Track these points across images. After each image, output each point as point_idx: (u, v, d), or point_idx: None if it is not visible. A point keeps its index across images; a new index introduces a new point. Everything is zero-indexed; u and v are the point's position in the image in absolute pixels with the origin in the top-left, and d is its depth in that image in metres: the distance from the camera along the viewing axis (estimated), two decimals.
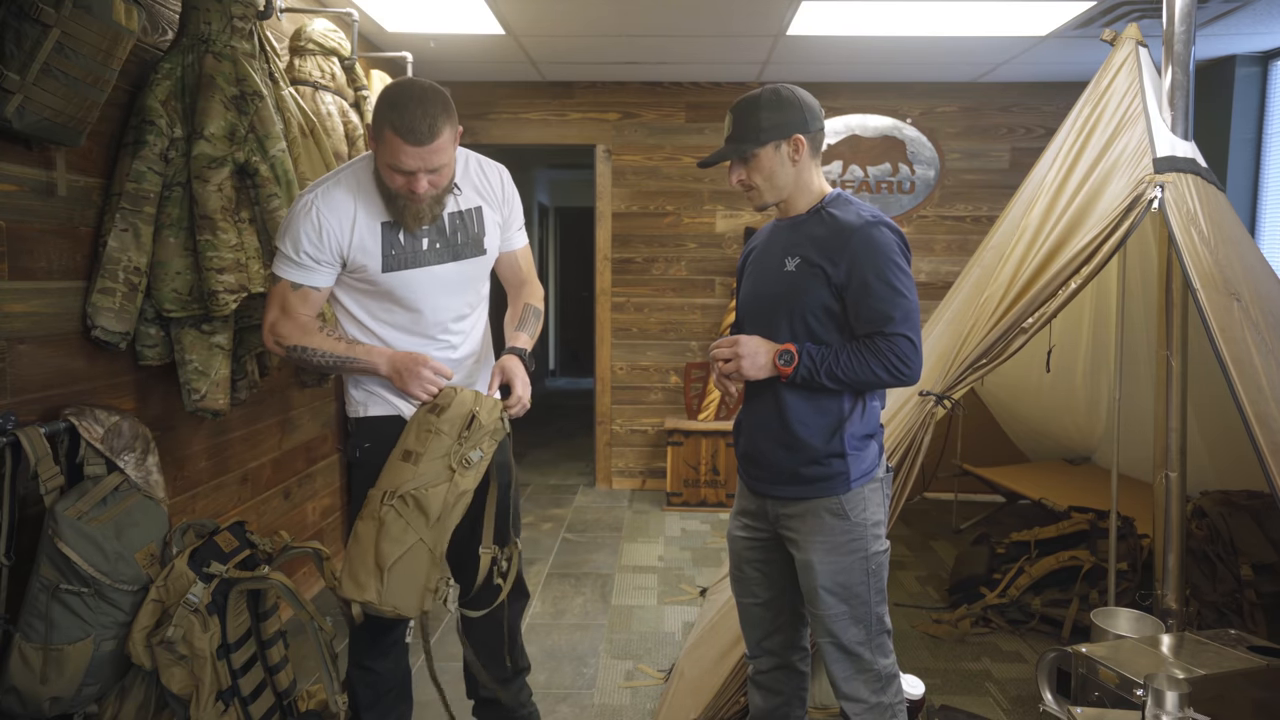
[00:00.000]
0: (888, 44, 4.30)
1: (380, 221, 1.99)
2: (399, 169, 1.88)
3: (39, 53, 1.80)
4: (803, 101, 1.88)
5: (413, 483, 1.90)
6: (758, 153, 1.87)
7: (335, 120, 3.19)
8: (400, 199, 1.94)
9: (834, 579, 1.87)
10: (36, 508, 1.92)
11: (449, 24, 4.00)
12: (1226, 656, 2.18)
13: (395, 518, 1.88)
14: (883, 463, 1.96)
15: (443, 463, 1.92)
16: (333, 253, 1.97)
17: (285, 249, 1.98)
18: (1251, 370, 2.25)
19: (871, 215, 1.85)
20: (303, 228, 1.96)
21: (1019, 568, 3.38)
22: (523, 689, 2.36)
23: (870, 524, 1.89)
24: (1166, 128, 2.54)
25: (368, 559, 1.87)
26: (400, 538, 1.87)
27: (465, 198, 2.09)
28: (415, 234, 2.02)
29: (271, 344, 2.03)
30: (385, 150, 1.88)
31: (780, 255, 1.92)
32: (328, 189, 2.00)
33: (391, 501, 1.89)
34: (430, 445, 1.93)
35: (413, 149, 1.85)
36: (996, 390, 4.41)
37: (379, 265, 1.99)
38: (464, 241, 2.09)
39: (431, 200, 1.96)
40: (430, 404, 1.97)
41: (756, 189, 1.91)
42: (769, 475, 1.93)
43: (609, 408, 5.46)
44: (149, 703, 2.00)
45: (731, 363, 1.88)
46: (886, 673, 1.92)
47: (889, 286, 1.79)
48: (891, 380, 1.81)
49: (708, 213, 5.30)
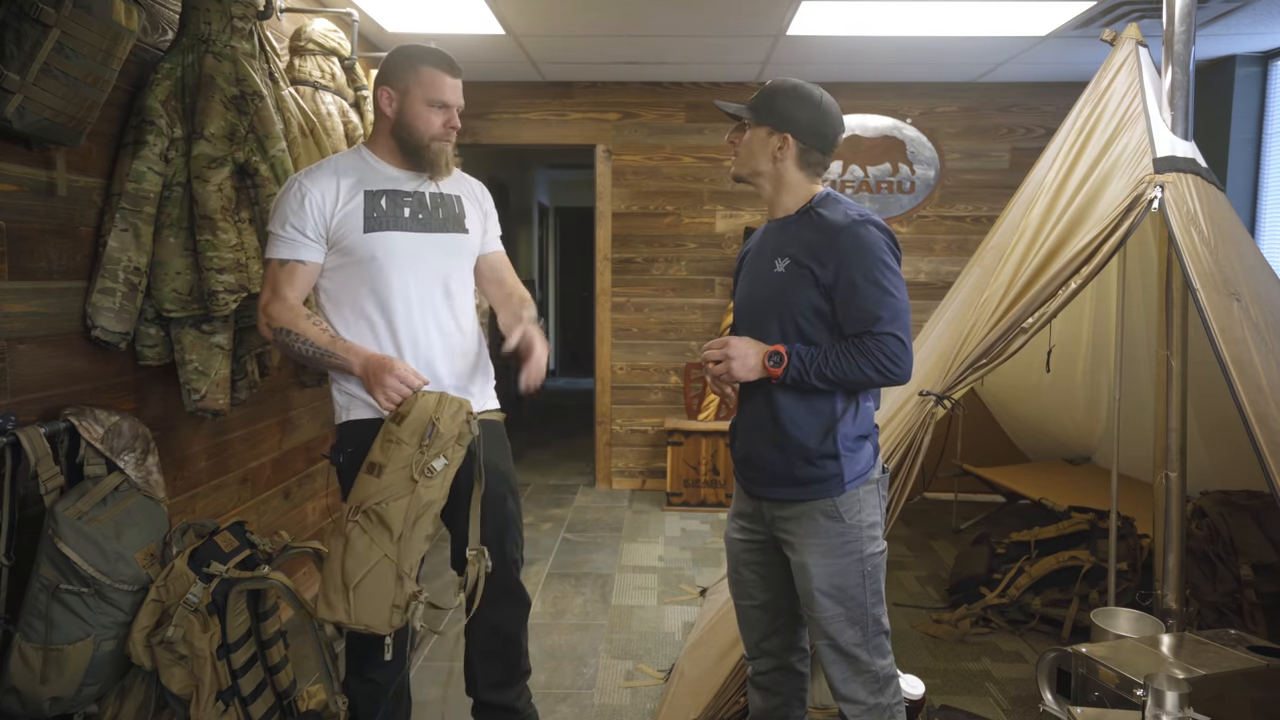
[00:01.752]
0: (888, 44, 4.30)
1: (364, 190, 2.06)
2: (438, 101, 2.02)
3: (39, 53, 1.80)
4: (820, 111, 1.88)
5: (376, 497, 1.87)
6: (752, 127, 1.91)
7: (335, 120, 3.19)
8: (433, 144, 2.05)
9: (829, 581, 1.87)
10: (36, 508, 1.92)
11: (449, 24, 4.00)
12: (1226, 656, 2.18)
13: (360, 534, 1.85)
14: (878, 464, 1.95)
15: (404, 474, 1.89)
16: (316, 223, 2.02)
17: (272, 228, 2.05)
18: (1251, 370, 2.25)
19: (859, 214, 1.84)
20: (287, 203, 2.03)
21: (1019, 568, 3.37)
22: (523, 693, 2.35)
23: (865, 526, 1.88)
24: (1166, 128, 2.54)
25: (336, 578, 1.85)
26: (364, 555, 1.84)
27: (446, 185, 2.18)
28: (398, 202, 2.07)
29: (263, 326, 2.05)
30: (424, 89, 2.01)
31: (770, 257, 1.92)
32: (312, 169, 2.11)
33: (355, 517, 1.86)
34: (392, 456, 1.89)
35: (453, 80, 2.03)
36: (996, 390, 4.41)
37: (360, 227, 2.02)
38: (445, 217, 2.14)
39: (451, 154, 2.10)
40: (394, 412, 1.94)
41: (738, 156, 1.95)
42: (763, 477, 1.93)
43: (609, 408, 5.46)
44: (149, 703, 2.00)
45: (722, 364, 1.89)
46: (884, 674, 1.92)
47: (876, 286, 1.78)
48: (881, 380, 1.80)
49: (708, 213, 5.30)
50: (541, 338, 2.11)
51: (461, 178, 2.25)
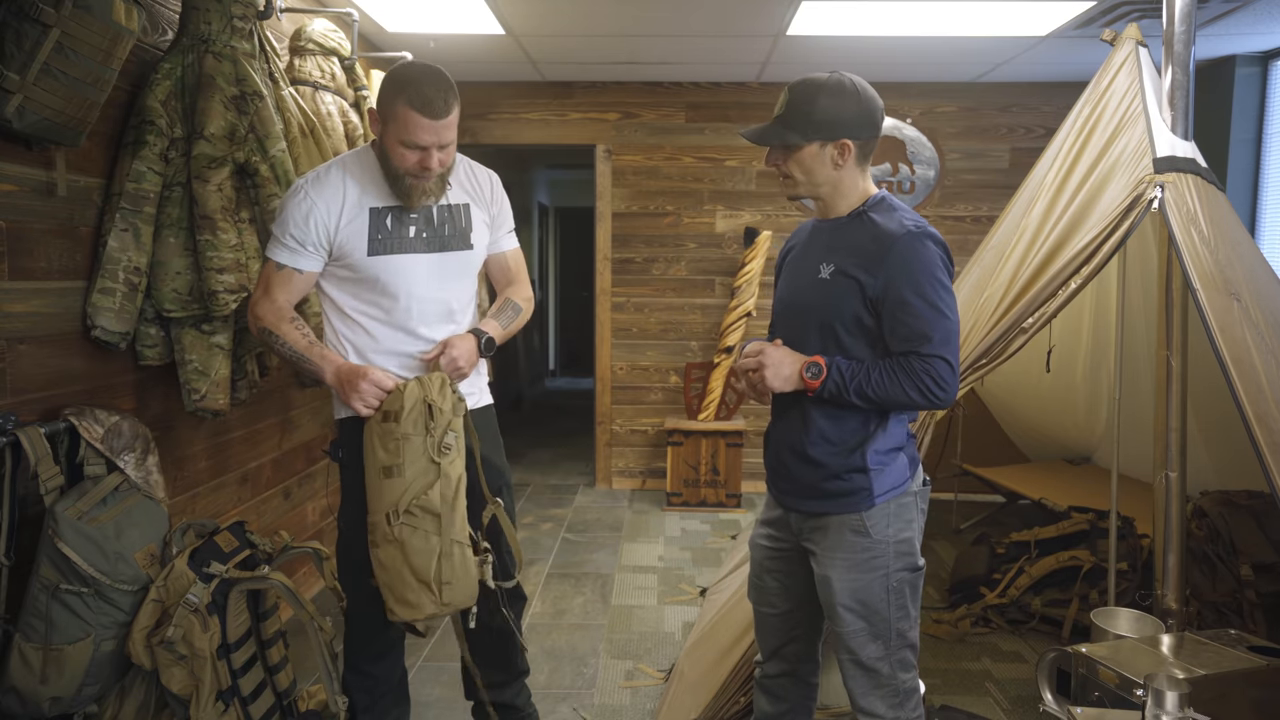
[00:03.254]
0: (888, 44, 4.30)
1: (369, 207, 2.03)
2: (414, 144, 1.93)
3: (39, 53, 1.80)
4: (864, 102, 1.77)
5: (409, 494, 1.92)
6: (801, 146, 1.78)
7: (335, 120, 3.19)
8: (407, 178, 1.98)
9: (853, 596, 1.81)
10: (36, 508, 1.92)
11: (449, 24, 4.00)
12: (1226, 656, 2.18)
13: (411, 533, 1.91)
14: (917, 476, 1.87)
15: (424, 461, 1.93)
16: (318, 236, 2.01)
17: (275, 231, 2.05)
18: (1251, 370, 2.25)
19: (915, 225, 1.74)
20: (291, 211, 2.01)
21: (1019, 568, 3.37)
22: (521, 691, 2.36)
23: (894, 540, 1.81)
24: (1166, 128, 2.53)
25: (408, 579, 1.92)
26: (426, 548, 1.91)
27: (454, 194, 2.13)
28: (403, 221, 2.05)
29: (250, 321, 2.08)
30: (398, 128, 1.92)
31: (816, 261, 1.84)
32: (319, 174, 2.06)
33: (399, 520, 1.91)
34: (405, 452, 1.93)
35: (429, 123, 1.91)
36: (996, 390, 4.40)
37: (365, 249, 2.02)
38: (451, 234, 2.11)
39: (439, 180, 2.02)
40: (381, 413, 1.95)
41: (792, 179, 1.82)
42: (792, 489, 1.88)
43: (609, 408, 5.46)
44: (149, 703, 2.00)
45: (756, 373, 1.81)
46: (906, 688, 1.86)
47: (929, 305, 1.69)
48: (924, 403, 1.72)
49: (708, 213, 5.30)
50: (460, 346, 2.05)
51: (469, 174, 2.19)
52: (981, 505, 4.67)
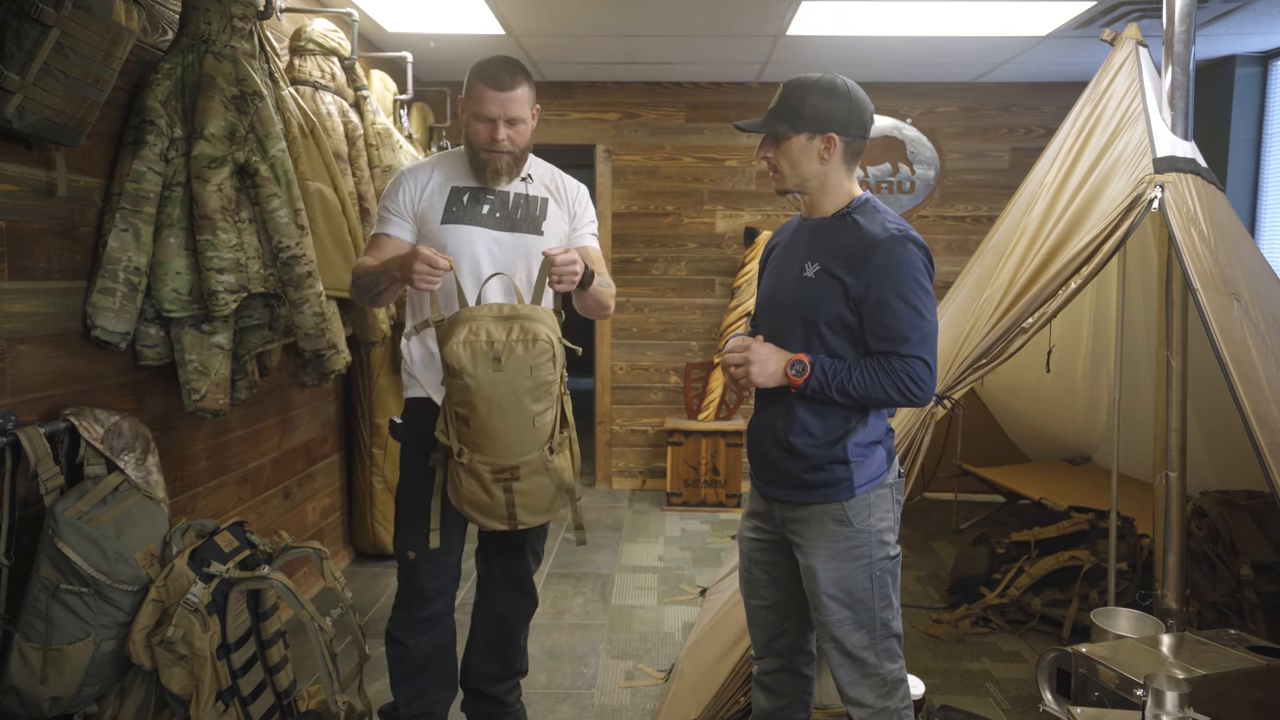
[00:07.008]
0: (887, 44, 4.30)
1: (452, 186, 2.21)
2: (484, 116, 2.09)
3: (39, 53, 1.80)
4: (853, 102, 1.84)
5: None
6: (790, 137, 1.85)
7: (335, 120, 3.19)
8: (482, 153, 2.13)
9: (837, 585, 1.86)
10: (36, 508, 1.92)
11: (449, 24, 4.00)
12: (1226, 656, 2.18)
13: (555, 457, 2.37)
14: (893, 468, 1.93)
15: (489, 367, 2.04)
16: (406, 205, 2.21)
17: (378, 209, 2.28)
18: (1251, 370, 2.25)
19: (898, 228, 1.81)
20: (389, 189, 2.25)
21: (1019, 568, 3.37)
22: (513, 689, 2.40)
23: (875, 530, 1.87)
24: (1166, 128, 2.54)
25: (567, 475, 2.43)
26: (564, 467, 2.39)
27: (534, 188, 2.26)
28: (479, 200, 2.20)
29: (350, 288, 2.28)
30: (471, 102, 2.10)
31: (800, 259, 1.90)
32: (416, 163, 2.33)
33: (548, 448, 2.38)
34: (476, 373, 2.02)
35: (495, 94, 2.07)
36: (996, 390, 4.41)
37: (439, 218, 2.18)
38: (523, 218, 2.22)
39: (511, 159, 2.15)
40: (485, 354, 2.01)
41: (780, 173, 1.89)
42: (775, 479, 1.93)
43: (609, 408, 5.46)
44: (149, 703, 2.00)
45: (741, 368, 1.86)
46: (893, 677, 1.90)
47: (909, 306, 1.76)
48: (902, 401, 1.79)
49: (708, 213, 5.30)
50: (575, 255, 2.10)
51: (557, 180, 2.31)
52: (981, 505, 4.67)
